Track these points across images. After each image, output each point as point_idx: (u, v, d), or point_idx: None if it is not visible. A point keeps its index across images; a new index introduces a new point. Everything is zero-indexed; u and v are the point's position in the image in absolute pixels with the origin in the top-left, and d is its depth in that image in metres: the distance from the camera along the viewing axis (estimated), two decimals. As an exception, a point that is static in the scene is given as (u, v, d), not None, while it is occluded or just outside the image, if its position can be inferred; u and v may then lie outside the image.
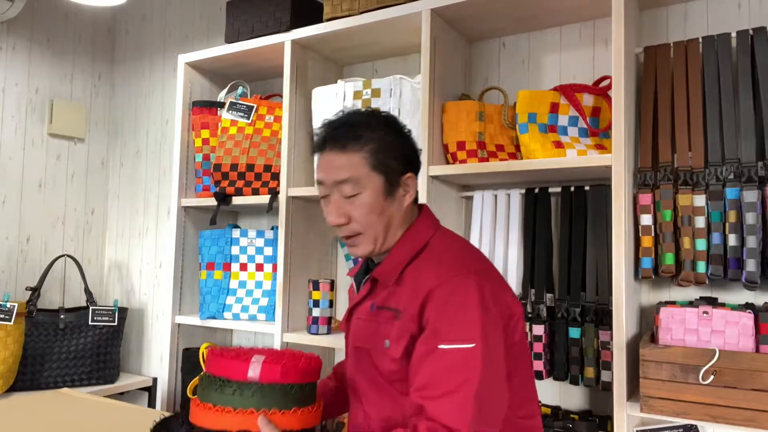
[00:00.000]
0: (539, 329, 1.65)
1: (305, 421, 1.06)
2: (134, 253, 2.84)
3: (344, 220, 1.13)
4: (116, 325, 2.46)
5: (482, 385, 0.97)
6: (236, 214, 2.53)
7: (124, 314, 2.51)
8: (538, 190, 1.77)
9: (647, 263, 1.54)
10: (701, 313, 1.40)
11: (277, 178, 2.10)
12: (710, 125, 1.53)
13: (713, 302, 1.49)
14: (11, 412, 1.77)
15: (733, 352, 1.33)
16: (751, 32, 1.53)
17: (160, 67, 2.83)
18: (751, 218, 1.43)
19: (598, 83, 1.74)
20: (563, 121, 1.70)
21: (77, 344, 2.38)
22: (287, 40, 2.05)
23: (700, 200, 1.51)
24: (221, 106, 2.27)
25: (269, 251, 2.19)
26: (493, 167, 1.66)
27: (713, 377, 1.33)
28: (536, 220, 1.76)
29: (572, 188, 1.73)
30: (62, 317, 2.38)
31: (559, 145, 1.63)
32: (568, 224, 1.72)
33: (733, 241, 1.46)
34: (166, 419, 1.20)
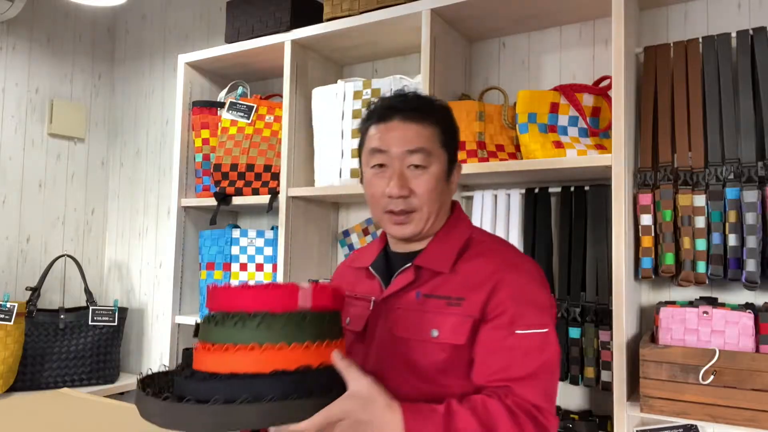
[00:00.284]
0: (539, 329, 1.65)
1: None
2: (134, 253, 2.84)
3: (407, 192, 1.09)
4: (116, 325, 2.46)
5: (556, 366, 1.06)
6: (236, 214, 2.52)
7: (124, 314, 2.51)
8: (538, 190, 1.77)
9: (647, 263, 1.54)
10: (701, 313, 1.40)
11: (277, 178, 2.10)
12: (710, 125, 1.53)
13: (713, 302, 1.49)
14: (11, 412, 1.76)
15: (733, 352, 1.33)
16: (751, 32, 1.53)
17: (160, 67, 2.83)
18: (751, 218, 1.43)
19: (598, 83, 1.74)
20: (563, 121, 1.69)
21: (77, 344, 2.38)
22: (287, 40, 2.05)
23: (700, 200, 1.51)
24: (221, 106, 2.27)
25: (269, 251, 2.19)
26: (493, 167, 1.66)
27: (713, 377, 1.33)
28: (536, 220, 1.76)
29: (572, 188, 1.73)
30: (62, 317, 2.38)
31: (559, 145, 1.63)
32: (568, 224, 1.72)
33: (733, 241, 1.46)
34: (153, 374, 1.06)
